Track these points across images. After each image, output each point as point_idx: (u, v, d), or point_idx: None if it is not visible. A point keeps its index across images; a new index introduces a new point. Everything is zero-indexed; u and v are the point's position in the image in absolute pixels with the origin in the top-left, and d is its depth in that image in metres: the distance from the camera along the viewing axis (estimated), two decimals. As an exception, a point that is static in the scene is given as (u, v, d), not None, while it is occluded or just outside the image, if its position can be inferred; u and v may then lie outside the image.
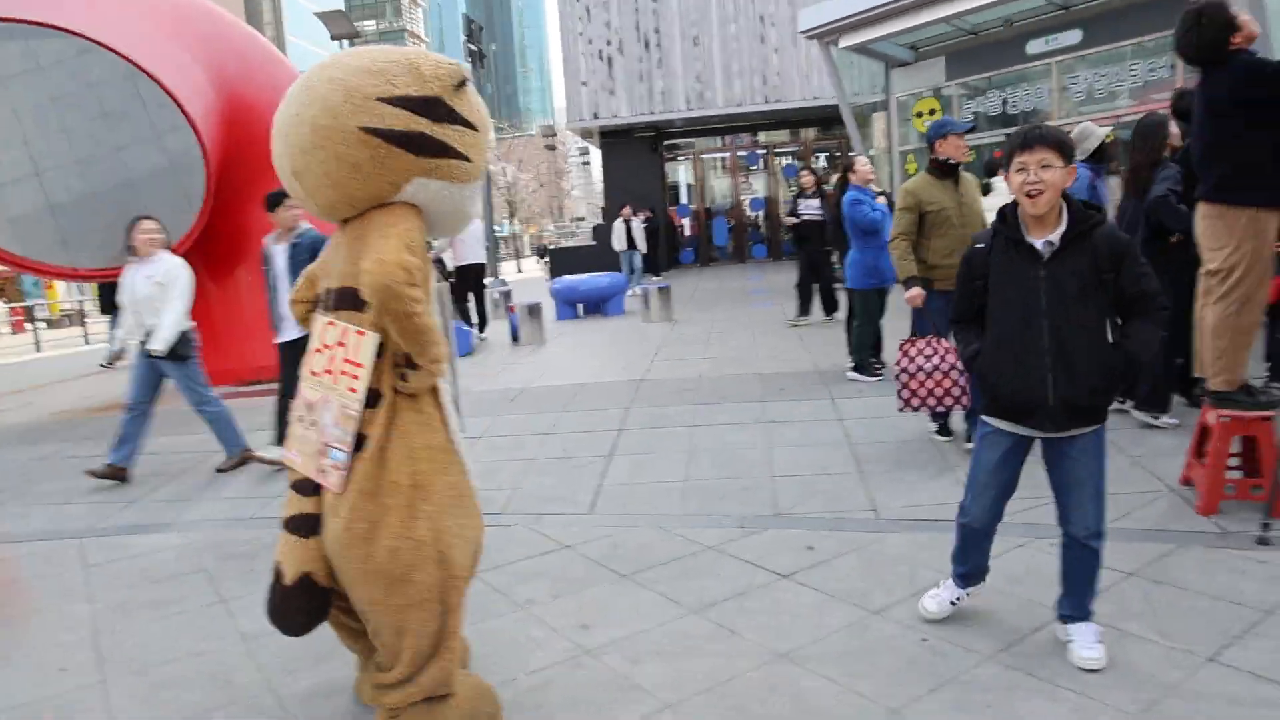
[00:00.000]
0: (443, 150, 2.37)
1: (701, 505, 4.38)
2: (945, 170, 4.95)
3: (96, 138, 7.62)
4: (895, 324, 6.85)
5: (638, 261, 16.93)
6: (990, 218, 3.82)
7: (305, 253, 5.32)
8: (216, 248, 8.92)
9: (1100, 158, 5.45)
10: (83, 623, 3.57)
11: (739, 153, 22.84)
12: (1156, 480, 4.20)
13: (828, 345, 8.48)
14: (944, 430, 5.13)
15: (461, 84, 2.42)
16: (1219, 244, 3.73)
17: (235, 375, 9.22)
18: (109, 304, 11.07)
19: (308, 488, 2.45)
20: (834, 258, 9.93)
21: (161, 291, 5.48)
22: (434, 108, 2.35)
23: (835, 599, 3.25)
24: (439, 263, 12.10)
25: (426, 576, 2.33)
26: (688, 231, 22.96)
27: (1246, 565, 3.25)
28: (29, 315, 23.04)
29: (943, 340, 4.77)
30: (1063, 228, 2.63)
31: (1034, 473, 4.73)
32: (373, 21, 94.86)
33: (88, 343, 18.48)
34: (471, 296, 11.85)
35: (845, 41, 13.22)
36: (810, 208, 10.15)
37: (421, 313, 2.25)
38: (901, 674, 2.70)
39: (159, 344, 5.45)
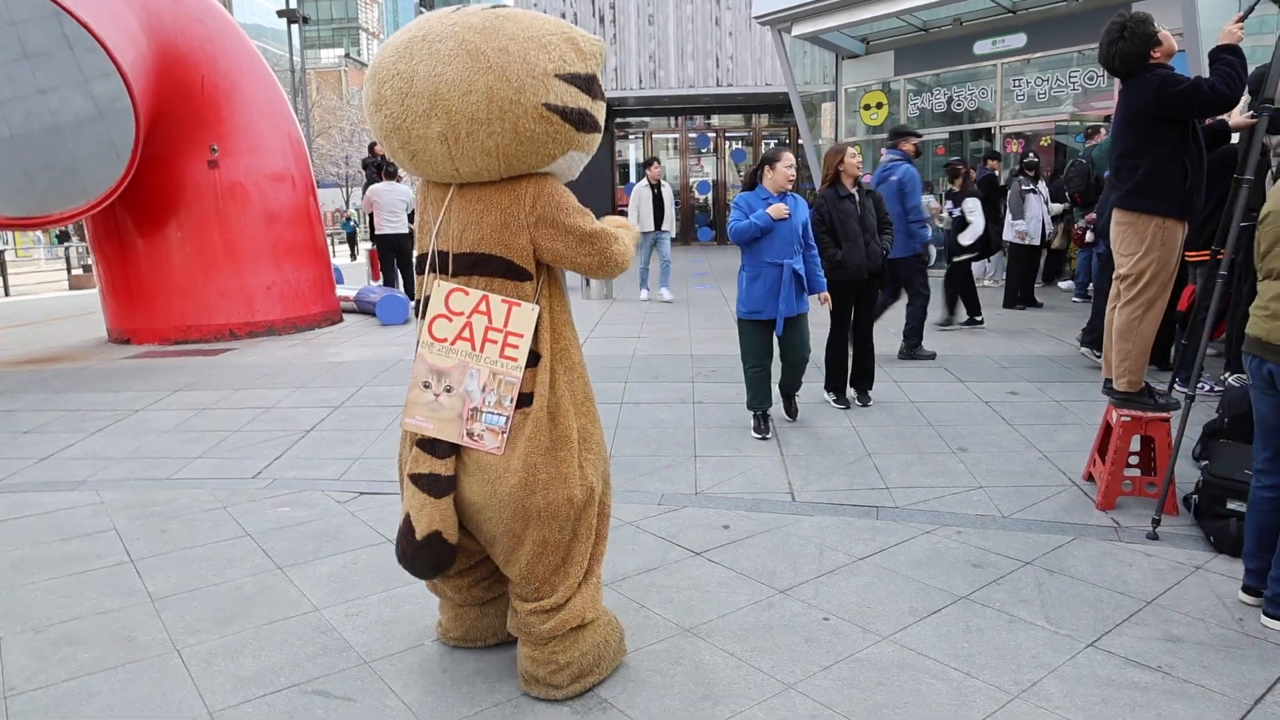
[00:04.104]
0: (595, 126, 2.43)
1: (623, 482, 4.43)
2: None
3: (16, 79, 7.30)
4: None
5: (666, 250, 11.33)
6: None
7: None
8: (144, 202, 8.65)
9: None
10: (-20, 579, 3.48)
11: (690, 134, 22.85)
12: (1062, 475, 4.37)
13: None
14: None
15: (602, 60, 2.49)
16: (1129, 250, 3.87)
17: (160, 334, 8.97)
18: None
19: (442, 449, 2.46)
20: None
21: None
22: (593, 85, 2.40)
23: (745, 577, 3.33)
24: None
25: (590, 515, 2.57)
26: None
27: (1135, 558, 3.42)
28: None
29: None
30: None
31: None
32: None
33: (7, 294, 17.77)
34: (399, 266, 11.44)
35: (798, 30, 13.32)
36: None
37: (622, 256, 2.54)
38: (799, 651, 2.79)
39: None
